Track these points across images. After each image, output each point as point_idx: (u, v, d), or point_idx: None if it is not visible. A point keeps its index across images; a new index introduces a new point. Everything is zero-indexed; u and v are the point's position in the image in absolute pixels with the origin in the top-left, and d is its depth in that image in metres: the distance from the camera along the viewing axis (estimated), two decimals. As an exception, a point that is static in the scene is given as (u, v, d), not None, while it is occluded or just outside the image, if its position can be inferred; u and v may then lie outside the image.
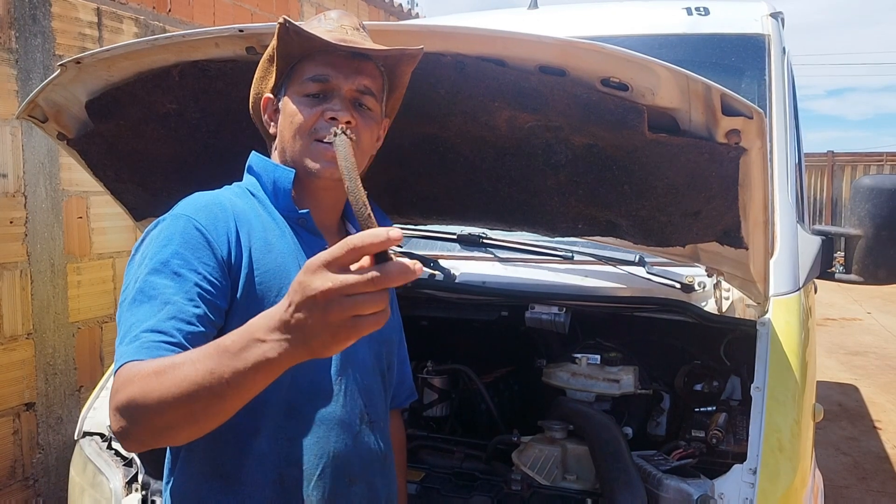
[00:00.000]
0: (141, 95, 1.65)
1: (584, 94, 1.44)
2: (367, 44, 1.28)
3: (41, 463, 3.59)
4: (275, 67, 1.30)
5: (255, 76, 1.38)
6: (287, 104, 1.29)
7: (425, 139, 1.73)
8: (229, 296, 1.18)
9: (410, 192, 1.97)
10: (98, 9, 3.78)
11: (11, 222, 3.38)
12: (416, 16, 8.11)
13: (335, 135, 1.02)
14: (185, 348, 1.05)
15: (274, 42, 1.28)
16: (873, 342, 8.15)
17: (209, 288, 1.14)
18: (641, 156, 1.55)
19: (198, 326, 1.09)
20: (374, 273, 0.80)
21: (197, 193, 1.27)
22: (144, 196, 1.94)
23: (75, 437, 2.06)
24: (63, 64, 1.57)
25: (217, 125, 1.72)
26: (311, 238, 1.31)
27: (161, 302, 1.09)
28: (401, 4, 7.71)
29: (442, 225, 2.26)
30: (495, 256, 2.30)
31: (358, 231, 0.82)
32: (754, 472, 1.55)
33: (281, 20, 1.23)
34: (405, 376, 1.63)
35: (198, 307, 1.11)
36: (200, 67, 1.56)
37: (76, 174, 3.61)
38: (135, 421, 0.98)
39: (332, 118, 1.24)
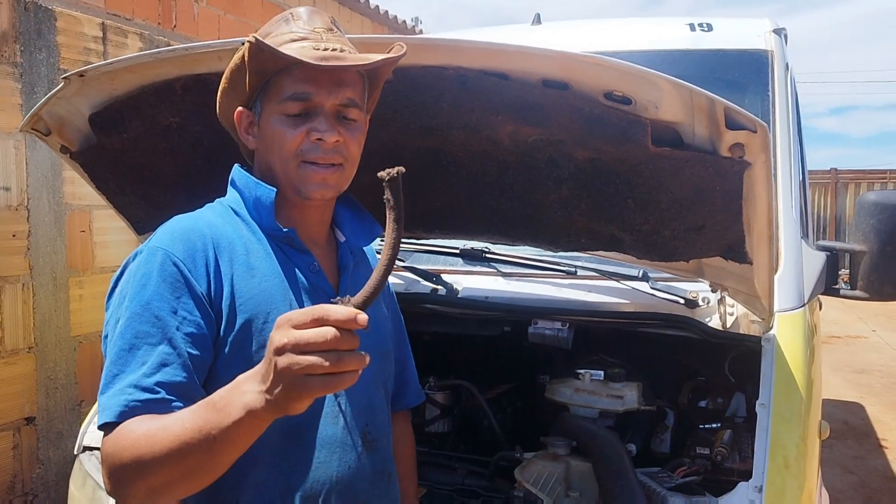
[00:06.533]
0: (144, 109, 1.65)
1: (587, 107, 1.43)
2: (349, 54, 1.21)
3: (41, 478, 3.56)
4: (247, 82, 1.23)
5: (222, 85, 1.30)
6: (267, 124, 1.23)
7: (428, 153, 1.73)
8: (215, 327, 1.16)
9: (413, 207, 1.95)
10: (103, 23, 3.80)
11: (14, 236, 3.38)
12: (421, 32, 8.15)
13: (389, 176, 0.96)
14: (169, 402, 1.07)
15: (244, 56, 1.20)
16: (878, 360, 8.10)
17: (191, 329, 1.13)
18: (645, 170, 1.54)
19: (181, 375, 1.10)
20: (324, 330, 0.87)
21: (176, 218, 1.24)
22: (147, 209, 1.94)
23: (75, 452, 2.04)
24: (66, 77, 1.58)
25: (219, 138, 1.71)
26: (298, 255, 1.27)
27: (144, 352, 1.09)
28: (405, 21, 7.76)
29: (444, 239, 2.25)
30: (498, 271, 2.29)
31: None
32: (760, 490, 1.53)
33: (252, 39, 1.16)
34: (410, 375, 1.59)
35: (181, 354, 1.10)
36: (203, 81, 1.56)
37: (79, 188, 3.62)
38: (130, 483, 1.03)
39: (319, 139, 1.20)
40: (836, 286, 2.19)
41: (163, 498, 1.05)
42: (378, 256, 1.00)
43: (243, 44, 1.22)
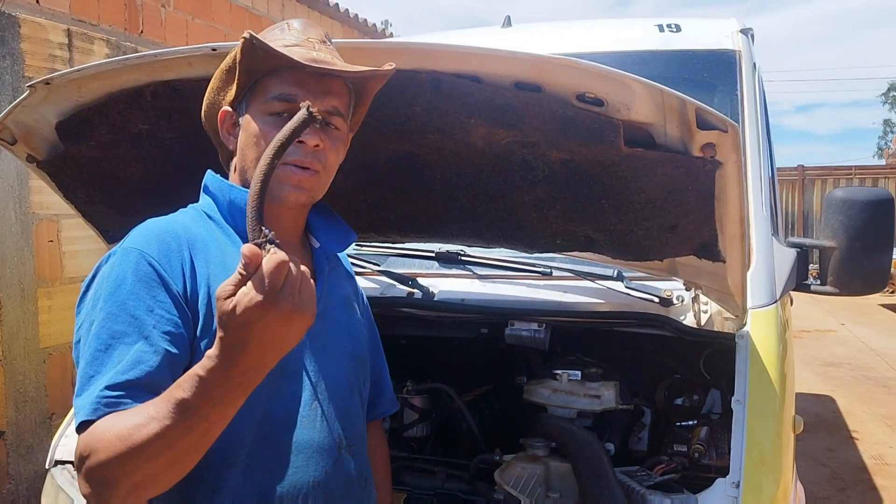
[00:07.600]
0: (112, 116, 1.62)
1: (560, 109, 1.44)
2: (339, 63, 1.23)
3: (11, 493, 3.49)
4: (236, 81, 1.24)
5: (211, 86, 1.31)
6: (249, 122, 1.23)
7: (402, 156, 1.72)
8: (192, 327, 1.15)
9: (387, 210, 1.95)
10: (68, 30, 3.75)
11: (-20, 247, 3.32)
12: (391, 35, 8.14)
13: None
14: (145, 399, 1.03)
15: (236, 55, 1.22)
16: (848, 353, 8.24)
17: (168, 328, 1.11)
18: (618, 170, 1.55)
19: (157, 373, 1.07)
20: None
21: (149, 221, 1.23)
22: (117, 218, 1.91)
23: (46, 466, 2.01)
24: (32, 85, 1.55)
25: (190, 145, 1.69)
26: None
27: (120, 352, 1.07)
28: (375, 24, 7.74)
29: (420, 242, 2.24)
30: (474, 273, 2.29)
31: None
32: (737, 486, 1.55)
33: (246, 35, 1.17)
34: (385, 385, 1.60)
35: (158, 352, 1.08)
36: (173, 87, 1.54)
37: (47, 197, 3.56)
38: (112, 483, 0.99)
39: (300, 141, 1.19)
40: (807, 282, 2.22)
41: (146, 494, 1.02)
42: (351, 261, 1.00)
43: (213, 49, 1.22)
